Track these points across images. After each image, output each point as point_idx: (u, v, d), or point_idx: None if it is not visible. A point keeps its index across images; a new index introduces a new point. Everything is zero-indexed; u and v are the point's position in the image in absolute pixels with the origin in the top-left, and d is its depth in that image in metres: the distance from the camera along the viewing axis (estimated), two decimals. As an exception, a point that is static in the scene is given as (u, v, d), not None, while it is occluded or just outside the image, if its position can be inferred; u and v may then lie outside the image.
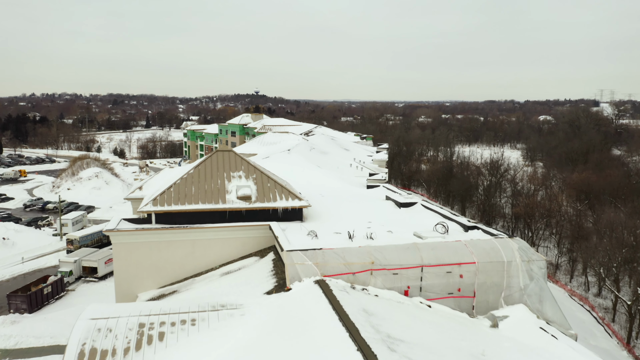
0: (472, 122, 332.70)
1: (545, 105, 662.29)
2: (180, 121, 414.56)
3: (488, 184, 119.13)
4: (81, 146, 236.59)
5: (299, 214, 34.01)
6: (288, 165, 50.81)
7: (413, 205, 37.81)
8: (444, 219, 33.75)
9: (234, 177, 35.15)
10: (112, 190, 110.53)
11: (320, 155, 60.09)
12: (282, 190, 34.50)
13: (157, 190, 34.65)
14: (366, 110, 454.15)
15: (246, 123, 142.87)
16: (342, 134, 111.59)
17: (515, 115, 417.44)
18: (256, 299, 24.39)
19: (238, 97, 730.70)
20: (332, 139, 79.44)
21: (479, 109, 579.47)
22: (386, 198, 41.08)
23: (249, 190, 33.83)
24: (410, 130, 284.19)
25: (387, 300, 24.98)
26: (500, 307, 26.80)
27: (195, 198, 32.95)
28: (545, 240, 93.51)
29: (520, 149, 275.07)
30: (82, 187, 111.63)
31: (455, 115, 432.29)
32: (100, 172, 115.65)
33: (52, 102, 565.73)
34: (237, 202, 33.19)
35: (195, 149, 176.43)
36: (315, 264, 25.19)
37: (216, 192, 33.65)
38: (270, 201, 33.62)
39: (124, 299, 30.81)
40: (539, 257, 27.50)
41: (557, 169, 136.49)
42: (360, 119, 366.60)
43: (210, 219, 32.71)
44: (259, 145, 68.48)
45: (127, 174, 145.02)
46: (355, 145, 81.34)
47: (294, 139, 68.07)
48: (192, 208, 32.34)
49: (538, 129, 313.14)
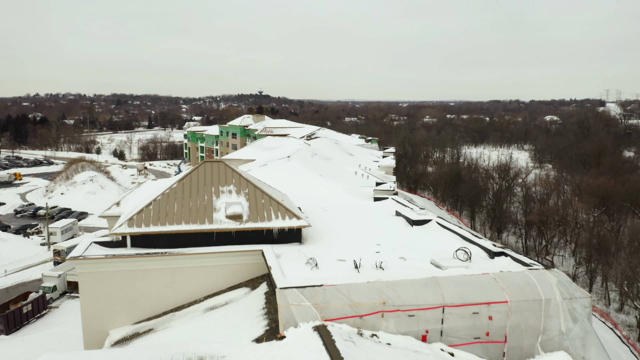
0: (477, 122, 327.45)
1: (551, 105, 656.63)
2: (183, 121, 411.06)
3: (498, 188, 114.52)
4: (81, 147, 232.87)
5: (297, 235, 29.65)
6: (287, 174, 46.48)
7: (427, 223, 33.39)
8: (464, 241, 29.32)
9: (224, 192, 30.81)
10: (108, 194, 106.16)
11: (322, 161, 55.65)
12: (278, 207, 30.15)
13: (136, 207, 30.39)
14: (370, 110, 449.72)
15: (247, 124, 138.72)
16: (346, 137, 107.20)
17: (521, 116, 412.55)
18: (243, 349, 20.06)
19: (242, 97, 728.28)
20: (336, 143, 75.02)
21: (484, 108, 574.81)
22: (396, 214, 36.66)
23: (240, 208, 29.49)
24: (415, 130, 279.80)
25: (401, 350, 20.58)
26: (537, 355, 22.36)
27: (177, 217, 28.64)
28: (560, 249, 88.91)
29: (528, 150, 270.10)
30: (76, 191, 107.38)
31: (461, 115, 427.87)
32: (95, 175, 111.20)
33: (56, 102, 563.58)
34: (226, 221, 28.86)
35: (195, 150, 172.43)
36: (314, 305, 20.81)
37: (202, 210, 29.33)
38: (265, 220, 29.28)
39: (93, 337, 26.49)
40: (583, 294, 23.01)
41: (569, 172, 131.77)
42: (364, 119, 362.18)
43: (195, 241, 28.40)
44: (258, 151, 64.19)
45: (126, 176, 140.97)
46: (360, 150, 76.91)
47: (295, 143, 63.75)
48: (173, 229, 28.02)
49: (545, 129, 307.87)
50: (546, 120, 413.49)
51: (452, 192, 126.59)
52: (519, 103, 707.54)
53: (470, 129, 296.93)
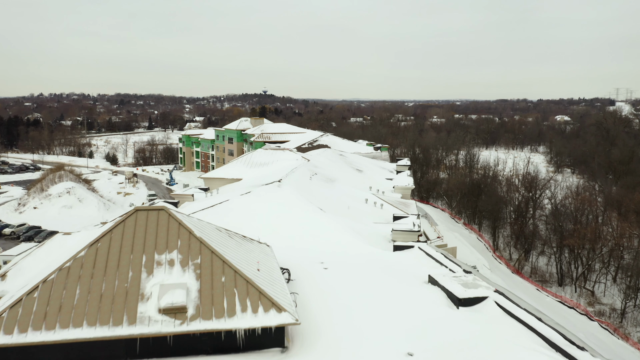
0: (488, 123, 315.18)
1: (560, 104, 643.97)
2: (184, 122, 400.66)
3: (522, 200, 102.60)
4: (73, 151, 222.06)
5: (277, 338, 18.25)
6: (277, 206, 35.10)
7: (481, 303, 21.82)
8: (547, 346, 17.75)
9: (161, 264, 19.40)
10: (86, 209, 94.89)
11: (323, 185, 43.94)
12: (248, 289, 18.76)
13: (22, 289, 19.03)
14: (376, 110, 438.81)
15: (245, 128, 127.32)
16: (352, 145, 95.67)
17: (531, 116, 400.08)
18: None
19: (246, 97, 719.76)
20: (341, 155, 63.51)
21: (491, 108, 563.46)
22: (430, 280, 25.04)
23: (184, 294, 18.05)
24: (424, 132, 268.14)
25: None
26: None
27: (77, 314, 17.26)
28: (602, 276, 76.94)
29: (543, 152, 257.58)
30: (51, 205, 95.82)
31: (468, 115, 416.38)
32: (73, 187, 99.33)
33: (59, 102, 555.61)
34: (159, 319, 17.47)
35: (191, 156, 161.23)
36: None
37: (121, 298, 17.94)
38: (224, 316, 17.89)
39: None
40: None
41: (595, 180, 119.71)
42: (370, 120, 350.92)
43: (104, 355, 17.06)
44: (246, 167, 52.74)
45: (113, 185, 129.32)
46: (369, 163, 65.25)
47: (292, 157, 52.21)
48: (66, 338, 16.65)
49: (560, 131, 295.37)
50: (557, 120, 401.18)
51: (469, 202, 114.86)
52: (527, 102, 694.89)
53: (481, 130, 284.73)
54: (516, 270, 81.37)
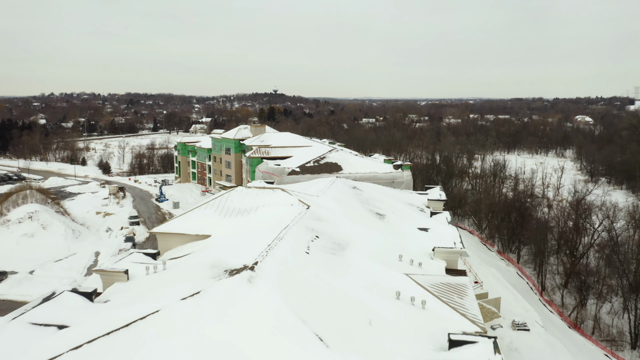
0: (508, 124, 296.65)
1: (579, 103, 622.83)
2: (190, 123, 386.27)
3: (570, 225, 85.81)
4: (68, 157, 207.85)
5: None
6: (239, 332, 19.33)
7: None
8: None
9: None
10: (50, 238, 79.00)
11: (328, 260, 27.70)
12: None
13: None
14: (388, 110, 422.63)
15: (244, 137, 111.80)
16: (367, 162, 79.38)
17: (551, 116, 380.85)
18: None
19: (256, 96, 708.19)
20: (354, 189, 47.49)
21: (507, 107, 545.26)
22: None
23: None
24: (441, 134, 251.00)
25: None
26: None
27: None
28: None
29: (570, 158, 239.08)
30: (9, 233, 79.69)
31: (484, 114, 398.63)
32: (37, 211, 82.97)
33: (68, 102, 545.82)
34: None
35: (187, 165, 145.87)
36: None
37: None
38: None
39: None
40: None
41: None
42: (383, 121, 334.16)
43: None
44: (218, 216, 36.92)
45: (96, 201, 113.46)
46: (391, 199, 49.04)
47: (285, 202, 36.15)
48: None
49: (588, 133, 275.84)
50: (578, 120, 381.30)
51: (503, 224, 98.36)
52: (543, 101, 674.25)
53: (502, 133, 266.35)
54: (574, 324, 64.76)
